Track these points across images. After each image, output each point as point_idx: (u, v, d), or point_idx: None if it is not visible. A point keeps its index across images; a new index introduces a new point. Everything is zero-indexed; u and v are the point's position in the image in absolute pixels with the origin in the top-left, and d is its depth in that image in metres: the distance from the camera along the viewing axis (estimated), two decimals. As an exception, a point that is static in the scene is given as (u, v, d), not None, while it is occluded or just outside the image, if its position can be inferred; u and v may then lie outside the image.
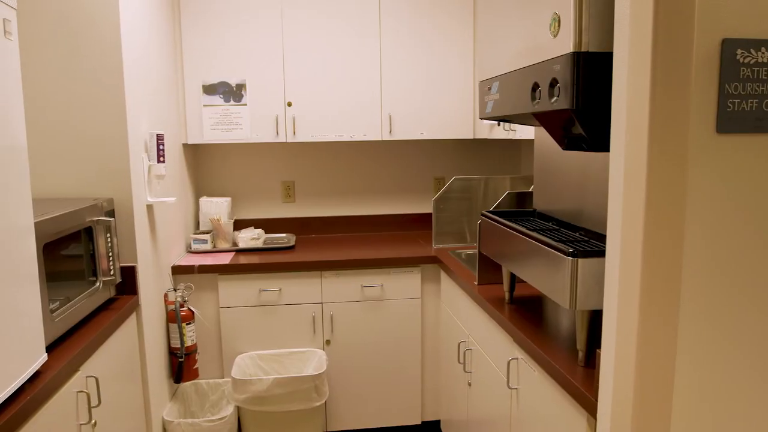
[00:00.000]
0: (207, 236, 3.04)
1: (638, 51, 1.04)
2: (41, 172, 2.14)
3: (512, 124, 2.75)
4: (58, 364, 1.57)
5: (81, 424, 1.68)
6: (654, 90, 1.02)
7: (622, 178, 1.09)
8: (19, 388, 1.41)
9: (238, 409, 2.69)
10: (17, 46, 1.43)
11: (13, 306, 1.37)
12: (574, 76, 1.30)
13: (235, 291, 2.82)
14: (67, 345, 1.72)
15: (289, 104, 3.07)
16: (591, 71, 1.30)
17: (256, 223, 3.48)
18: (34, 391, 1.41)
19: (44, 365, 1.56)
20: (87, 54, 2.10)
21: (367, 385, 2.97)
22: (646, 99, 1.03)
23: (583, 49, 1.29)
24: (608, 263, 1.16)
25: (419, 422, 3.03)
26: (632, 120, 1.07)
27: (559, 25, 1.36)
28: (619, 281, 1.12)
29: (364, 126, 3.14)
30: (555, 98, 1.39)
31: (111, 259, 2.09)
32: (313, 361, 2.86)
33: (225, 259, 2.90)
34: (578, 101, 1.31)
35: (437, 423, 3.07)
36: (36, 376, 1.50)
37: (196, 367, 2.65)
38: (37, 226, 1.58)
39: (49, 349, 1.68)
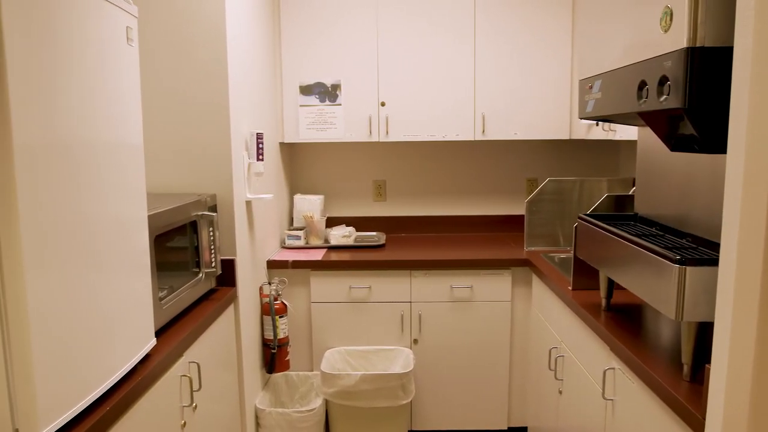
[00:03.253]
0: (300, 233, 3.14)
1: (764, 45, 0.97)
2: (152, 169, 2.29)
3: (612, 124, 2.64)
4: (165, 349, 1.68)
5: (183, 406, 1.79)
6: (781, 87, 0.95)
7: (741, 181, 1.02)
8: (132, 368, 1.52)
9: (326, 402, 2.76)
10: (137, 52, 1.53)
11: (130, 293, 1.47)
12: (686, 73, 1.23)
13: (326, 287, 2.89)
14: (173, 331, 1.83)
15: (383, 104, 3.10)
16: (706, 68, 1.22)
17: (348, 221, 3.54)
18: (145, 372, 1.51)
19: (153, 349, 1.67)
20: (195, 59, 2.22)
21: (454, 386, 2.95)
22: (771, 97, 0.95)
23: (698, 44, 1.21)
24: (722, 272, 1.08)
25: (506, 427, 2.98)
26: (754, 120, 0.99)
27: (671, 19, 1.28)
28: (735, 292, 1.04)
29: (456, 126, 3.12)
30: (664, 97, 1.31)
31: (213, 251, 2.20)
32: (400, 360, 2.88)
33: (317, 255, 2.97)
34: (691, 100, 1.23)
35: (524, 429, 3.00)
36: (146, 358, 1.61)
37: (287, 358, 2.74)
38: (150, 219, 1.69)
39: (157, 334, 1.80)
